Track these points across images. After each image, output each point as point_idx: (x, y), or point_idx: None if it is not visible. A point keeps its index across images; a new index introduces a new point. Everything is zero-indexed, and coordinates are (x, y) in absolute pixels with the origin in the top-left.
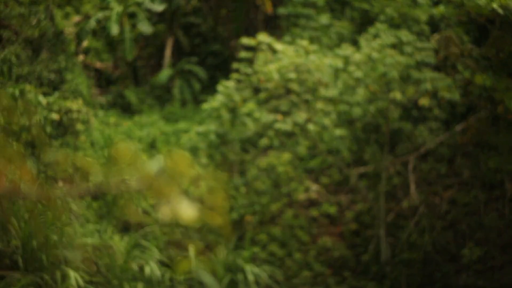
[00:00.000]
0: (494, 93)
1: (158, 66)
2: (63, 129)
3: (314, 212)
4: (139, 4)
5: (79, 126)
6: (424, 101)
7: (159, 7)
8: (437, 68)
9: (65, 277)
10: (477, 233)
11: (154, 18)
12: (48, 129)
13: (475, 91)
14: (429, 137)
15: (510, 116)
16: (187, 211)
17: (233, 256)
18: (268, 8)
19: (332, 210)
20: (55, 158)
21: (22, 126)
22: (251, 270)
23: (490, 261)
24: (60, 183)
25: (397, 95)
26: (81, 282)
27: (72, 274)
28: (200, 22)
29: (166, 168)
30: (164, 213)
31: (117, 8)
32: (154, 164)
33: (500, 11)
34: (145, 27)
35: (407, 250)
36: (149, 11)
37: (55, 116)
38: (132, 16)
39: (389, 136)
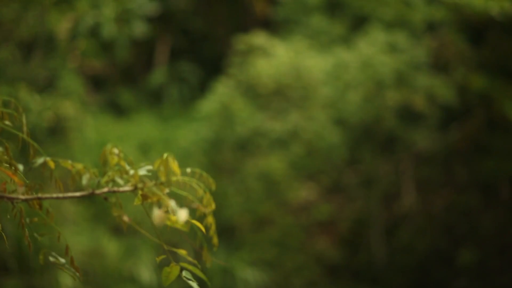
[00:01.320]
0: (490, 96)
1: (152, 67)
2: (56, 130)
3: (308, 216)
4: (132, 7)
5: (72, 127)
6: (419, 104)
7: (153, 10)
8: (432, 70)
9: (57, 281)
10: (473, 237)
11: (148, 19)
12: (41, 130)
13: (471, 93)
14: (424, 140)
15: (506, 121)
16: (180, 214)
17: (227, 259)
18: (259, 9)
19: (327, 213)
20: (44, 163)
21: (11, 130)
22: (244, 274)
23: (486, 264)
24: (51, 189)
25: (391, 97)
26: (74, 286)
27: (64, 278)
28: (194, 23)
29: (155, 171)
30: (156, 216)
31: (110, 10)
32: (142, 169)
33: (499, 18)
34: (138, 29)
35: (402, 254)
36: (143, 12)
37: (48, 117)
38: (125, 17)
39: (384, 139)
